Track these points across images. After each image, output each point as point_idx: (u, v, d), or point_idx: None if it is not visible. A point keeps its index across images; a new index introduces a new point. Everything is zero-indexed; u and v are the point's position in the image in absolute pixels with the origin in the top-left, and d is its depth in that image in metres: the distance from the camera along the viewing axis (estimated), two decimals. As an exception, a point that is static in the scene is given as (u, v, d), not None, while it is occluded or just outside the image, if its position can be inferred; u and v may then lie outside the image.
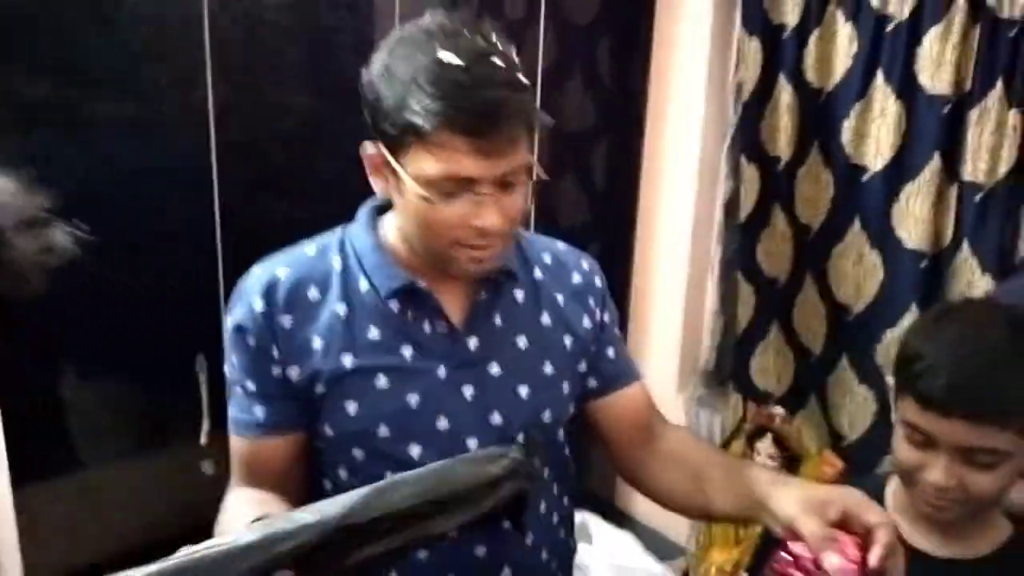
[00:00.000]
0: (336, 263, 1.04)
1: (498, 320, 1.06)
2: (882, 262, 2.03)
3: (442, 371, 1.02)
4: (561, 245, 1.18)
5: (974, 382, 0.92)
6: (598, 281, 1.16)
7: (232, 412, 1.06)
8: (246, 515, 0.87)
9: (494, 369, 1.05)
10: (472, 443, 1.03)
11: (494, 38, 0.93)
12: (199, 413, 1.84)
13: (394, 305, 1.02)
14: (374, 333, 1.01)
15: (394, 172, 0.94)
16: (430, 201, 0.92)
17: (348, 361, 1.00)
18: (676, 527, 2.53)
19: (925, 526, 1.04)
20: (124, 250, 1.72)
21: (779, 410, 2.23)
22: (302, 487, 1.06)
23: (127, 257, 1.73)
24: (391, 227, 1.05)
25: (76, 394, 1.77)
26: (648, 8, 2.48)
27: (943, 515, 1.00)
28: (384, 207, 1.07)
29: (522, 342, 1.07)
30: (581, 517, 2.47)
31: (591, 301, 1.14)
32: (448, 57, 0.88)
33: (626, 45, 2.51)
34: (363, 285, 1.02)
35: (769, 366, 2.36)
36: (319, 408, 1.02)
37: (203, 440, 1.85)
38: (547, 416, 1.07)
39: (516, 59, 0.94)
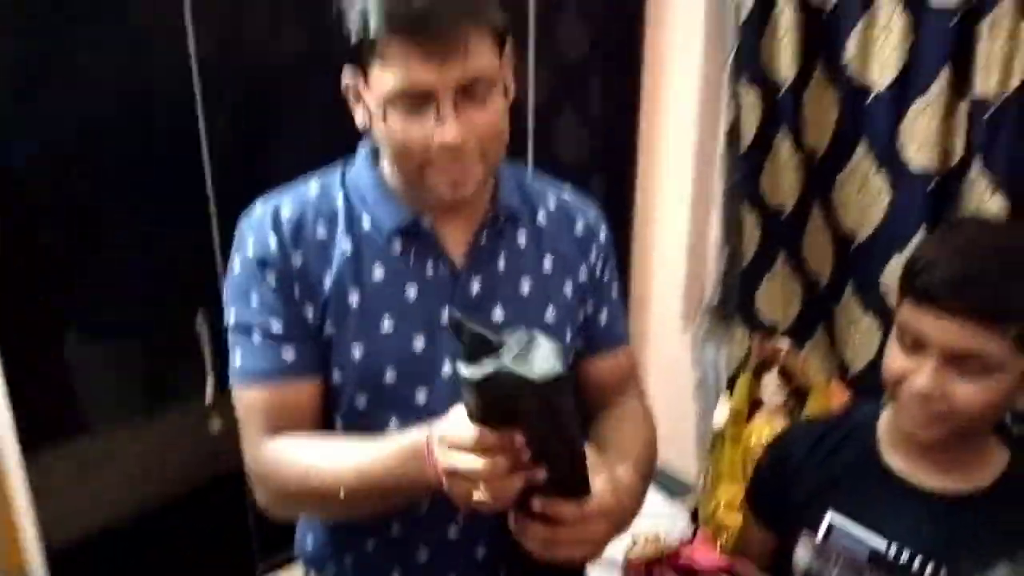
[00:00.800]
0: (339, 200, 1.01)
1: (501, 263, 1.04)
2: (888, 185, 1.98)
3: (446, 314, 0.99)
4: (567, 191, 1.15)
5: (974, 278, 0.88)
6: (602, 235, 1.14)
7: (250, 364, 0.99)
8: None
9: (497, 314, 1.03)
10: None
11: None
12: (203, 371, 1.83)
13: (397, 245, 0.99)
14: (378, 273, 0.99)
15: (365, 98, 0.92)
16: (385, 119, 0.89)
17: (355, 300, 0.98)
18: (684, 465, 2.54)
19: (919, 458, 1.01)
20: (116, 209, 1.70)
21: (785, 343, 2.21)
22: None
23: (119, 216, 1.71)
24: (386, 165, 1.02)
25: (79, 357, 1.76)
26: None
27: (925, 434, 0.96)
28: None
29: (525, 287, 1.05)
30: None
31: (592, 254, 1.12)
32: None
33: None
34: (366, 222, 1.00)
35: (776, 297, 2.33)
36: (328, 351, 0.99)
37: (208, 398, 1.84)
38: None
39: None
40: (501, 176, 1.04)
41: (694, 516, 2.40)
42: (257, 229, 0.99)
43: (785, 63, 2.12)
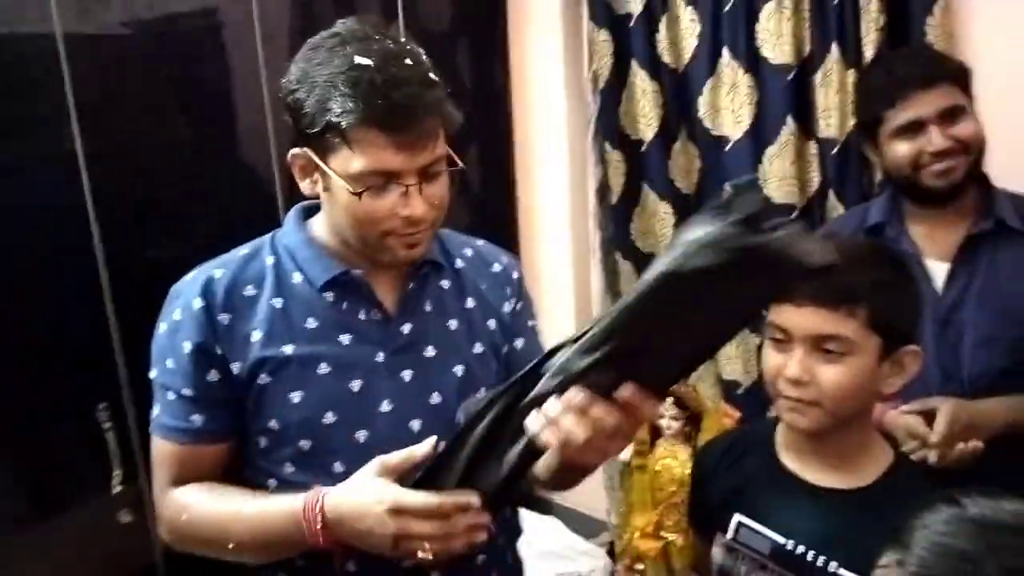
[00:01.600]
0: (269, 260, 1.09)
1: (428, 306, 1.13)
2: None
3: (380, 356, 1.08)
4: (480, 241, 1.26)
5: None
6: (515, 273, 1.25)
7: (163, 418, 1.07)
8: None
9: (429, 351, 1.11)
10: (416, 424, 1.08)
11: (403, 40, 1.01)
12: (108, 463, 1.76)
13: (329, 296, 1.07)
14: (311, 323, 1.06)
15: (323, 173, 1.00)
16: (360, 196, 0.97)
17: (289, 349, 1.05)
18: (594, 503, 2.62)
19: (811, 457, 1.12)
20: (7, 307, 1.63)
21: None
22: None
23: (11, 315, 1.64)
24: (320, 225, 1.11)
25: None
26: (501, 12, 2.57)
27: (800, 420, 1.07)
28: (310, 210, 1.12)
29: (452, 325, 1.14)
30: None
31: (508, 290, 1.22)
32: (362, 60, 0.94)
33: (484, 49, 2.59)
34: (296, 278, 1.08)
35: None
36: (262, 402, 1.05)
37: (116, 489, 1.77)
38: (483, 392, 1.11)
39: (426, 59, 1.00)
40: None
41: (611, 551, 2.48)
42: (184, 294, 1.07)
43: (644, 122, 2.33)
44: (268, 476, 1.08)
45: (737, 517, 1.15)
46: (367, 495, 0.94)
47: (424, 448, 0.97)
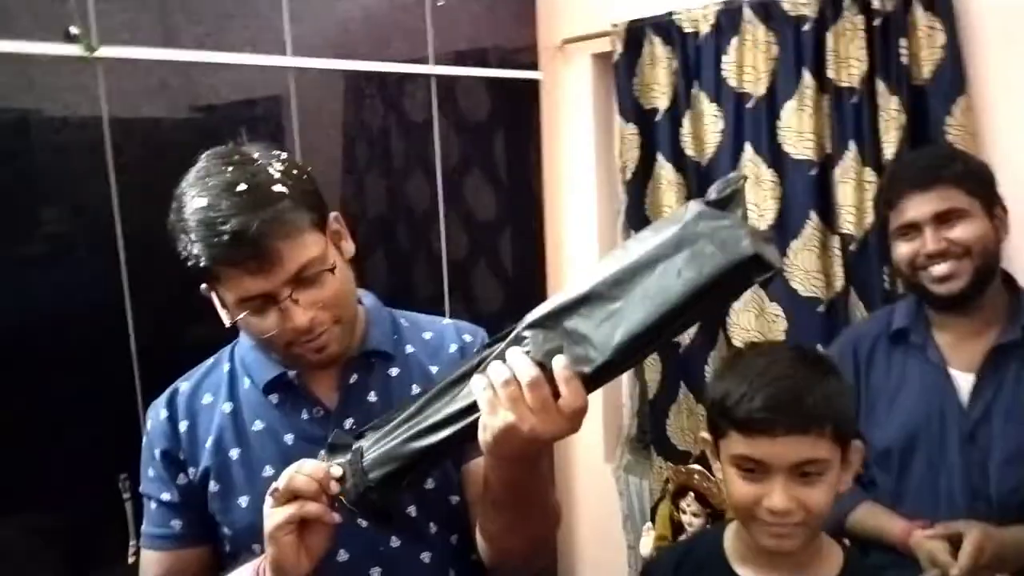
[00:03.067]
0: (225, 368, 1.14)
1: (372, 397, 1.12)
2: (783, 312, 2.17)
3: (323, 453, 1.05)
4: (446, 322, 1.23)
5: (786, 398, 1.01)
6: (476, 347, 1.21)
7: (148, 528, 1.12)
8: None
9: None
10: (364, 523, 1.04)
11: (253, 155, 1.02)
12: (125, 533, 1.80)
13: (274, 398, 1.10)
14: (258, 425, 1.09)
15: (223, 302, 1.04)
16: (246, 315, 1.00)
17: (235, 454, 1.08)
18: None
19: (767, 567, 1.08)
20: (41, 377, 1.72)
21: (697, 468, 2.32)
22: None
23: (45, 383, 1.72)
24: None
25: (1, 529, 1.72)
26: (535, 105, 2.67)
27: (787, 543, 1.04)
28: None
29: None
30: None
31: None
32: (197, 203, 0.97)
33: (519, 140, 2.68)
34: (246, 383, 1.12)
35: (683, 426, 2.47)
36: (215, 509, 1.08)
37: (131, 559, 1.80)
38: (430, 483, 1.09)
39: (269, 172, 1.00)
40: (372, 320, 1.15)
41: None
42: (154, 408, 1.14)
43: (669, 214, 2.35)
44: None
45: None
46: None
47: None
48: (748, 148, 2.16)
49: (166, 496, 1.10)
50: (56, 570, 1.80)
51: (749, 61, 2.13)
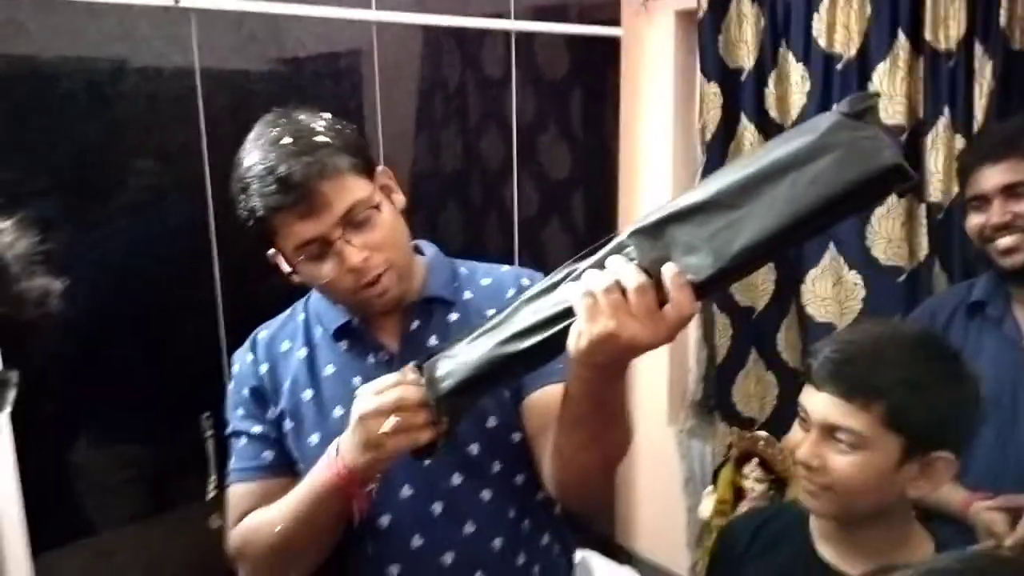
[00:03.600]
0: (300, 317, 1.22)
1: (433, 341, 1.16)
2: (862, 280, 2.13)
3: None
4: (505, 269, 1.27)
5: (844, 361, 1.00)
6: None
7: (237, 464, 1.18)
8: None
9: None
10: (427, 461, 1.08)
11: (298, 116, 1.09)
12: (206, 470, 1.89)
13: (343, 344, 1.17)
14: (330, 369, 1.17)
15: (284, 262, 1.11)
16: (306, 264, 1.06)
17: (308, 395, 1.16)
18: (676, 559, 2.58)
19: (847, 548, 1.07)
20: (132, 319, 1.80)
21: (762, 434, 2.31)
22: None
23: (135, 325, 1.80)
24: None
25: (90, 460, 1.82)
26: (615, 62, 2.63)
27: (815, 504, 1.04)
28: None
29: None
30: (582, 555, 2.52)
31: None
32: (249, 161, 1.06)
33: (596, 98, 2.65)
34: (318, 331, 1.20)
35: (751, 392, 2.45)
36: (290, 447, 1.15)
37: (209, 495, 1.90)
38: (492, 422, 1.14)
39: (313, 126, 1.07)
40: (433, 268, 1.20)
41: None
42: (239, 353, 1.22)
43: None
44: None
45: None
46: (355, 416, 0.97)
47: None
48: (834, 112, 2.10)
49: (257, 429, 1.17)
50: (141, 500, 1.90)
51: (841, 20, 2.05)
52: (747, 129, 2.31)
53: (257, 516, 1.13)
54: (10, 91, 1.57)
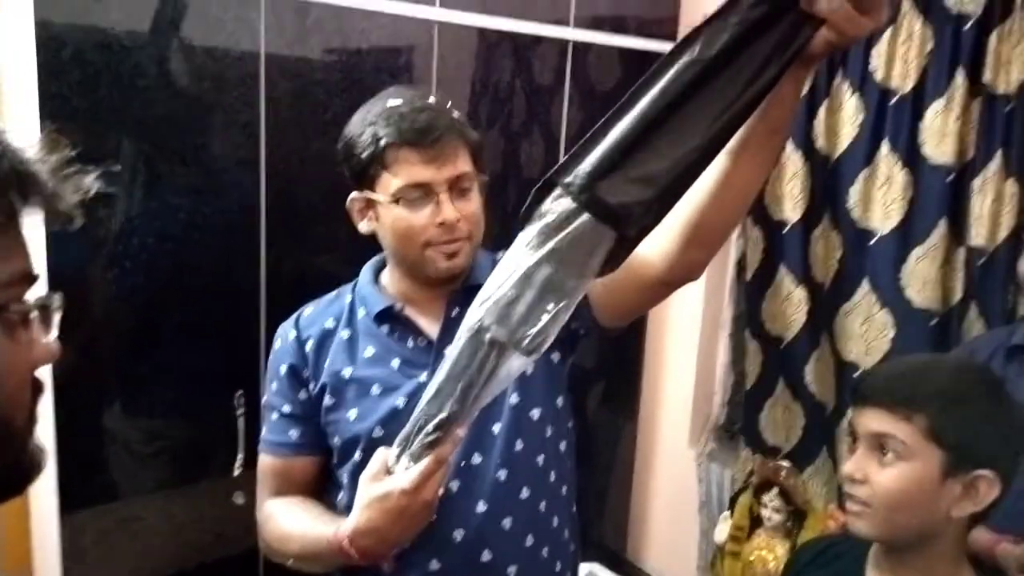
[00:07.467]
0: (347, 299, 1.29)
1: None
2: (892, 321, 2.13)
3: (424, 377, 1.18)
4: None
5: (892, 377, 1.06)
6: None
7: (267, 436, 1.27)
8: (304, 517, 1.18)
9: None
10: (459, 432, 1.08)
11: (431, 98, 1.19)
12: (235, 446, 1.92)
13: (385, 328, 1.23)
14: (370, 351, 1.23)
15: (372, 205, 1.18)
16: (398, 202, 1.13)
17: (348, 373, 1.22)
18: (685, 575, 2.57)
19: (889, 572, 1.08)
20: (179, 294, 1.83)
21: (785, 464, 2.30)
22: (322, 503, 1.26)
23: (181, 300, 1.83)
24: (384, 273, 1.29)
25: (125, 429, 1.85)
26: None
27: (857, 523, 1.05)
28: (381, 266, 1.30)
29: None
30: (590, 569, 2.52)
31: None
32: (393, 102, 1.15)
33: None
34: (361, 313, 1.26)
35: (777, 421, 2.45)
36: (327, 421, 1.22)
37: (236, 471, 1.92)
38: (536, 413, 1.22)
39: (452, 110, 1.19)
40: (478, 260, 1.25)
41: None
42: (283, 328, 1.29)
43: (789, 205, 2.32)
44: (338, 489, 1.24)
45: None
46: (361, 504, 1.02)
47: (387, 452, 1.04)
48: (884, 146, 2.10)
49: (287, 408, 1.24)
50: (170, 472, 1.93)
51: (900, 55, 2.06)
52: (791, 157, 2.31)
53: (278, 521, 1.21)
54: (83, 61, 1.60)
